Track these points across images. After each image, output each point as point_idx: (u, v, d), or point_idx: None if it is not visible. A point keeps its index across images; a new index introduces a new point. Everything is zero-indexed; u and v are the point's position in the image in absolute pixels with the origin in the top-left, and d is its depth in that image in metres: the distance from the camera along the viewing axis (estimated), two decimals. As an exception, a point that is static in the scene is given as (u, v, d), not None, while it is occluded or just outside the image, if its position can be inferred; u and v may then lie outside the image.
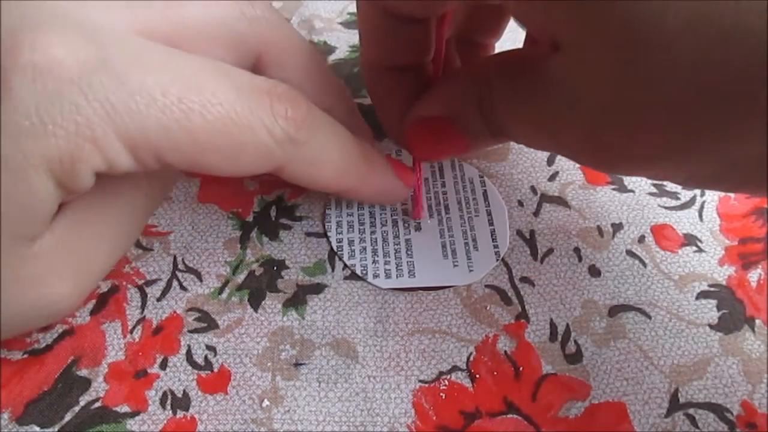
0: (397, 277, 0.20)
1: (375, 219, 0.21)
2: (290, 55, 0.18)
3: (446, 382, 0.18)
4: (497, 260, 0.20)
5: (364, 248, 0.20)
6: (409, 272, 0.20)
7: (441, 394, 0.18)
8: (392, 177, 0.19)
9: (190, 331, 0.19)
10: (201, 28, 0.16)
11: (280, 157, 0.15)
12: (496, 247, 0.21)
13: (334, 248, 0.20)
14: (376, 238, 0.21)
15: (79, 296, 0.16)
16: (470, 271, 0.20)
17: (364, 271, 0.20)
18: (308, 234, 0.21)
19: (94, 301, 0.19)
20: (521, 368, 0.18)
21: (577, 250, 0.21)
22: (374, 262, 0.20)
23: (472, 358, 0.18)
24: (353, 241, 0.21)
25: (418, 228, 0.21)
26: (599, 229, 0.21)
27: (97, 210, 0.15)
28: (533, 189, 0.22)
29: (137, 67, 0.13)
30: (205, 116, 0.13)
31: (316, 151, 0.16)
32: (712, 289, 0.20)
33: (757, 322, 0.19)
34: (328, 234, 0.21)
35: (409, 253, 0.20)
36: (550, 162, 0.23)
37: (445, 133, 0.17)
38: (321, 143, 0.16)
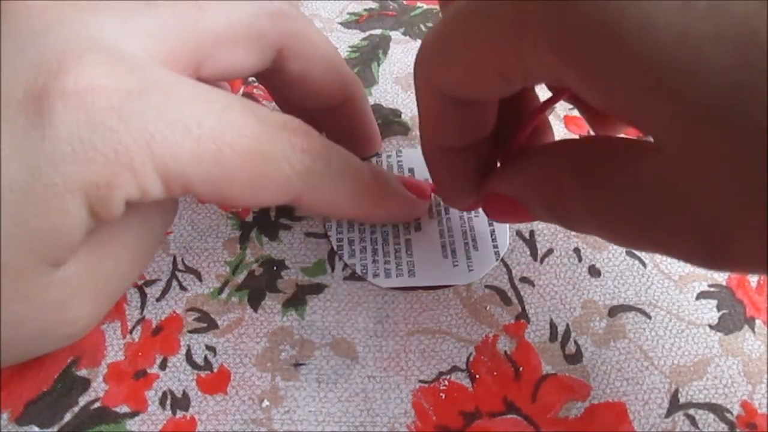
0: (396, 276, 0.20)
1: None
2: (311, 47, 0.18)
3: (446, 383, 0.18)
4: (497, 260, 0.20)
5: (364, 248, 0.20)
6: (408, 272, 0.20)
7: (441, 394, 0.18)
8: (407, 195, 0.19)
9: (190, 332, 0.19)
10: (226, 32, 0.16)
11: (299, 187, 0.15)
12: (495, 247, 0.21)
13: (335, 247, 0.20)
14: (376, 238, 0.21)
15: (97, 318, 0.16)
16: (470, 270, 0.20)
17: (364, 271, 0.20)
18: (308, 234, 0.21)
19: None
20: (521, 368, 0.18)
21: (577, 250, 0.21)
22: (374, 261, 0.20)
23: (471, 358, 0.18)
24: (353, 240, 0.21)
25: (418, 228, 0.21)
26: (599, 229, 0.21)
27: (117, 233, 0.15)
28: (533, 189, 0.22)
29: (174, 99, 0.13)
30: (235, 148, 0.14)
31: (332, 179, 0.16)
32: (712, 289, 0.20)
33: (757, 322, 0.19)
34: (329, 233, 0.21)
35: (409, 252, 0.20)
36: (550, 162, 0.23)
37: (519, 210, 0.16)
38: (335, 172, 0.16)
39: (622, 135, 0.20)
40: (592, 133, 0.20)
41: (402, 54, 0.27)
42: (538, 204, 0.15)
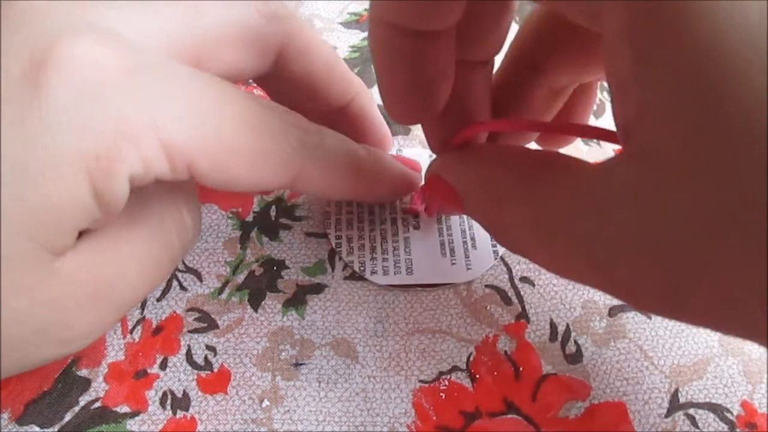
0: (394, 274, 0.20)
1: (374, 217, 0.21)
2: (311, 48, 0.18)
3: (446, 382, 0.18)
4: (495, 259, 0.20)
5: (363, 245, 0.20)
6: (406, 269, 0.20)
7: (441, 394, 0.18)
8: (401, 167, 0.20)
9: (190, 331, 0.19)
10: (223, 34, 0.16)
11: (298, 163, 0.15)
12: (494, 246, 0.21)
13: (333, 245, 0.20)
14: (374, 236, 0.21)
15: (100, 328, 0.15)
16: (468, 269, 0.20)
17: (362, 268, 0.20)
18: (308, 234, 0.21)
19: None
20: (521, 368, 0.18)
21: (577, 250, 0.21)
22: (372, 258, 0.20)
23: (472, 358, 0.18)
24: (352, 238, 0.21)
25: (416, 226, 0.21)
26: (599, 229, 0.21)
27: (125, 238, 0.15)
28: (533, 189, 0.22)
29: (172, 77, 0.13)
30: (235, 122, 0.14)
31: (328, 153, 0.16)
32: (712, 289, 0.20)
33: (757, 322, 0.19)
34: (328, 231, 0.21)
35: (408, 250, 0.20)
36: (550, 162, 0.23)
37: (456, 202, 0.16)
38: (331, 146, 0.16)
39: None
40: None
41: (402, 54, 0.27)
42: (474, 204, 0.15)
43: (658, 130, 0.09)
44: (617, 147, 0.21)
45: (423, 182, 0.20)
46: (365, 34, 0.28)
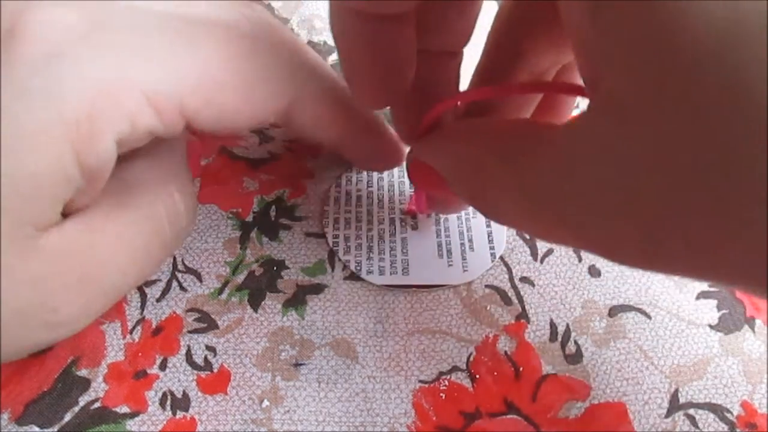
0: (390, 274, 0.20)
1: (372, 217, 0.21)
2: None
3: (446, 383, 0.18)
4: (492, 261, 0.20)
5: (360, 245, 0.20)
6: (403, 270, 0.20)
7: (441, 394, 0.18)
8: (393, 132, 0.19)
9: (190, 332, 0.19)
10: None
11: (290, 90, 0.15)
12: (492, 248, 0.21)
13: (330, 244, 0.20)
14: (372, 236, 0.21)
15: (88, 313, 0.15)
16: (464, 271, 0.20)
17: (358, 268, 0.20)
18: (308, 234, 0.21)
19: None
20: (521, 368, 0.18)
21: (577, 250, 0.21)
22: (369, 258, 0.20)
23: (472, 359, 0.18)
24: (349, 237, 0.21)
25: (414, 227, 0.21)
26: (599, 229, 0.21)
27: (113, 219, 0.14)
28: (533, 189, 0.22)
29: (147, 23, 0.13)
30: (222, 56, 0.13)
31: (321, 84, 0.16)
32: (712, 289, 0.20)
33: (757, 322, 0.19)
34: (326, 230, 0.21)
35: (405, 251, 0.20)
36: (550, 162, 0.23)
37: (440, 182, 0.15)
38: (324, 78, 0.16)
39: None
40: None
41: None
42: (458, 182, 0.14)
43: (618, 77, 0.09)
44: None
45: (406, 172, 0.19)
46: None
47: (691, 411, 0.18)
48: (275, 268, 0.20)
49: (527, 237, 0.21)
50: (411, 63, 0.15)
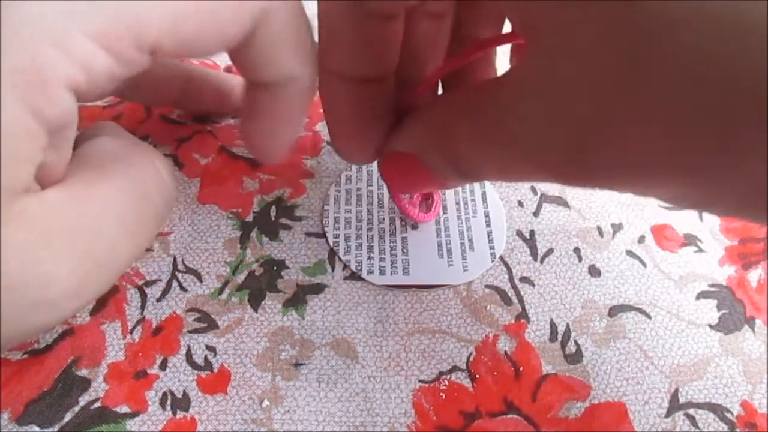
0: (391, 274, 0.20)
1: (372, 216, 0.21)
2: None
3: (446, 382, 0.18)
4: (492, 261, 0.20)
5: (360, 245, 0.20)
6: (403, 270, 0.20)
7: (441, 394, 0.18)
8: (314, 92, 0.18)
9: (190, 332, 0.19)
10: None
11: (256, 5, 0.14)
12: (492, 248, 0.21)
13: (331, 244, 0.20)
14: (372, 236, 0.21)
15: (85, 288, 0.14)
16: (465, 271, 0.20)
17: (359, 268, 0.20)
18: (308, 234, 0.21)
19: (93, 302, 0.19)
20: (521, 368, 0.18)
21: (577, 250, 0.21)
22: (369, 258, 0.20)
23: (472, 358, 0.18)
24: (350, 237, 0.21)
25: (414, 226, 0.21)
26: (599, 229, 0.21)
27: (99, 190, 0.14)
28: (533, 189, 0.22)
29: None
30: None
31: (284, 15, 0.15)
32: (712, 289, 0.20)
33: (757, 322, 0.19)
34: (326, 230, 0.21)
35: (405, 251, 0.20)
36: (550, 162, 0.23)
37: (416, 170, 0.16)
38: (288, 10, 0.16)
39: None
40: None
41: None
42: (431, 150, 0.15)
43: (548, 30, 0.11)
44: None
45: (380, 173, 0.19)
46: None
47: (691, 411, 0.18)
48: (275, 268, 0.20)
49: (527, 237, 0.21)
50: (391, 118, 0.17)
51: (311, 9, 0.29)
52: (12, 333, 0.13)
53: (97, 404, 0.17)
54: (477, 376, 0.18)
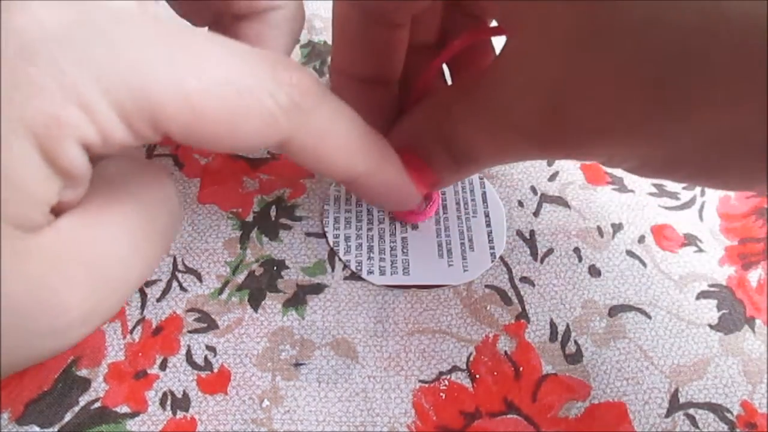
0: (391, 274, 0.20)
1: (372, 216, 0.21)
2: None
3: (446, 382, 0.18)
4: (492, 261, 0.20)
5: (360, 245, 0.20)
6: (403, 270, 0.20)
7: (441, 394, 0.18)
8: (405, 174, 0.17)
9: (190, 332, 0.19)
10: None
11: (285, 127, 0.13)
12: (492, 248, 0.21)
13: (331, 243, 0.20)
14: (372, 236, 0.21)
15: (99, 312, 0.14)
16: (465, 271, 0.20)
17: (359, 268, 0.20)
18: (308, 234, 0.21)
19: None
20: (521, 368, 0.18)
21: (577, 250, 0.21)
22: (369, 258, 0.20)
23: (472, 358, 0.18)
24: (350, 237, 0.21)
25: (414, 227, 0.21)
26: (599, 229, 0.21)
27: (112, 214, 0.14)
28: (533, 189, 0.22)
29: (125, 29, 0.12)
30: (200, 78, 0.12)
31: (324, 123, 0.14)
32: (712, 289, 0.20)
33: (757, 322, 0.19)
34: (326, 229, 0.21)
35: (405, 251, 0.20)
36: (550, 162, 0.23)
37: (412, 165, 0.17)
38: (328, 115, 0.14)
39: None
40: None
41: (402, 54, 0.27)
42: (430, 132, 0.16)
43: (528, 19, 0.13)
44: None
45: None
46: (365, 34, 0.28)
47: (691, 411, 0.18)
48: (275, 268, 0.20)
49: (527, 237, 0.21)
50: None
51: (311, 9, 0.29)
52: (21, 360, 0.13)
53: (97, 404, 0.17)
54: (477, 376, 0.18)
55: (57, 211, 0.13)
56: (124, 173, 0.15)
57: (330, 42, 0.27)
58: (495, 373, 0.18)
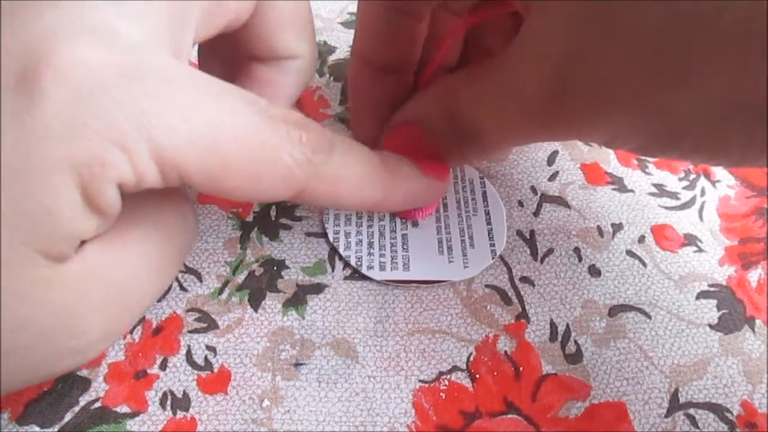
0: (391, 269, 0.20)
1: (373, 213, 0.21)
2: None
3: (446, 382, 0.18)
4: (493, 258, 0.20)
5: (360, 241, 0.21)
6: (403, 266, 0.20)
7: (441, 394, 0.18)
8: (421, 179, 0.18)
9: (190, 332, 0.19)
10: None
11: (301, 179, 0.15)
12: (492, 245, 0.21)
13: (331, 239, 0.20)
14: (372, 232, 0.21)
15: (113, 334, 0.15)
16: (465, 267, 0.20)
17: (359, 263, 0.20)
18: (308, 234, 0.21)
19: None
20: (521, 368, 0.18)
21: (577, 250, 0.21)
22: (369, 254, 0.20)
23: (472, 358, 0.18)
24: (350, 233, 0.21)
25: (415, 224, 0.21)
26: (599, 229, 0.21)
27: (131, 239, 0.15)
28: (533, 189, 0.22)
29: (168, 82, 0.13)
30: (233, 134, 0.13)
31: (336, 168, 0.16)
32: (712, 289, 0.20)
33: (757, 322, 0.19)
34: (326, 226, 0.21)
35: (405, 247, 0.20)
36: (551, 162, 0.23)
37: (416, 143, 0.18)
38: (339, 161, 0.16)
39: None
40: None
41: (402, 54, 0.27)
42: (437, 109, 0.17)
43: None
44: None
45: (385, 140, 0.20)
46: (365, 34, 0.28)
47: (691, 411, 0.18)
48: (275, 268, 0.20)
49: (527, 237, 0.21)
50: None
51: (311, 9, 0.29)
52: (42, 375, 0.14)
53: (98, 404, 0.17)
54: (477, 376, 0.18)
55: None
56: (143, 197, 0.16)
57: (330, 42, 0.27)
58: (495, 373, 0.18)
